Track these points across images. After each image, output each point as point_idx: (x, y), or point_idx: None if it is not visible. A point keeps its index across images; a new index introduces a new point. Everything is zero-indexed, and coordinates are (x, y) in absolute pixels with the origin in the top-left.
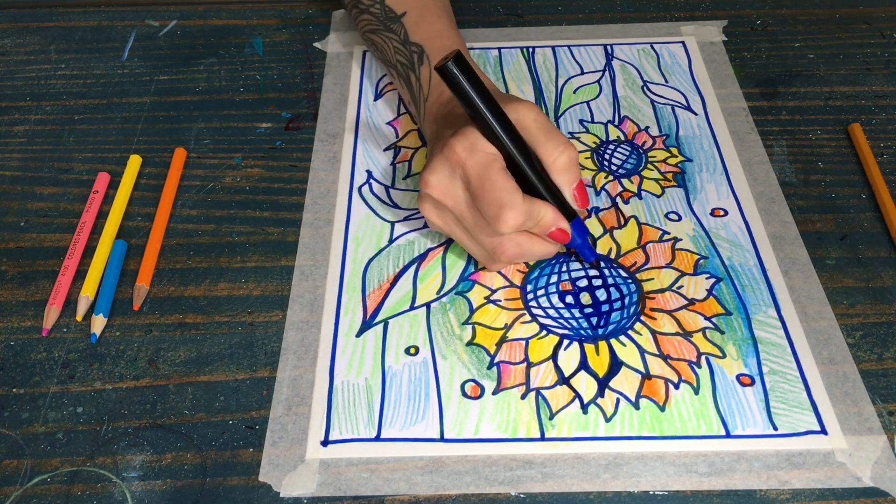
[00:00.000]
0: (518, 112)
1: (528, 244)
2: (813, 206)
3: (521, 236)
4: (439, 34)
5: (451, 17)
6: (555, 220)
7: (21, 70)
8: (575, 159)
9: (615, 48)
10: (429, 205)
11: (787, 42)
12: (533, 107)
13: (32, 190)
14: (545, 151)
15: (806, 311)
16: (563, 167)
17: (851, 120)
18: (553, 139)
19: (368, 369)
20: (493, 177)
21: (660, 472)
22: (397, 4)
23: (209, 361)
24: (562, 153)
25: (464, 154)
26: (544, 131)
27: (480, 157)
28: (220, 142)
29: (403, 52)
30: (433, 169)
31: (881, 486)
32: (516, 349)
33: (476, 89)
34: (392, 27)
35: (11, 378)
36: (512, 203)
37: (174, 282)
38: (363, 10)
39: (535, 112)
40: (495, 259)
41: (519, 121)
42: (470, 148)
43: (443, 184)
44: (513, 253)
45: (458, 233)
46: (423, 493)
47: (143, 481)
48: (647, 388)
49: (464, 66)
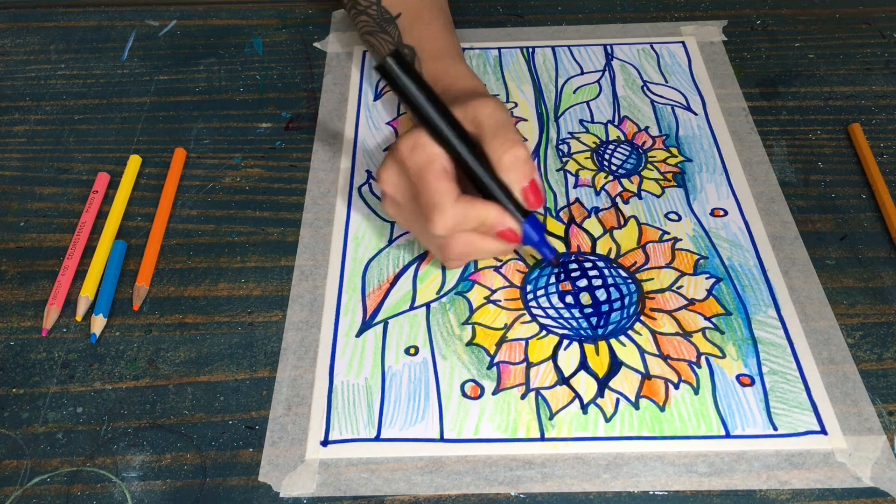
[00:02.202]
0: (475, 108)
1: (479, 242)
2: (813, 206)
3: (469, 235)
4: (431, 36)
5: (446, 18)
6: (500, 220)
7: (21, 70)
8: (523, 157)
9: (615, 48)
10: (388, 200)
11: (787, 42)
12: (490, 102)
13: (32, 190)
14: (491, 149)
15: (806, 311)
16: (510, 165)
17: (851, 120)
18: (501, 136)
19: (368, 369)
20: (427, 178)
21: (660, 472)
22: (393, 6)
23: (209, 361)
24: (507, 150)
25: (406, 153)
26: (495, 128)
27: (419, 157)
28: (220, 142)
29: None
30: (385, 166)
31: (881, 487)
32: (516, 349)
33: (416, 85)
34: (388, 29)
35: (11, 378)
36: (442, 206)
37: (174, 282)
38: (361, 11)
39: (492, 108)
40: (446, 256)
41: (475, 117)
42: (412, 147)
43: (392, 180)
44: (460, 251)
45: (415, 227)
46: (423, 493)
47: (142, 481)
48: (647, 389)
49: (403, 63)
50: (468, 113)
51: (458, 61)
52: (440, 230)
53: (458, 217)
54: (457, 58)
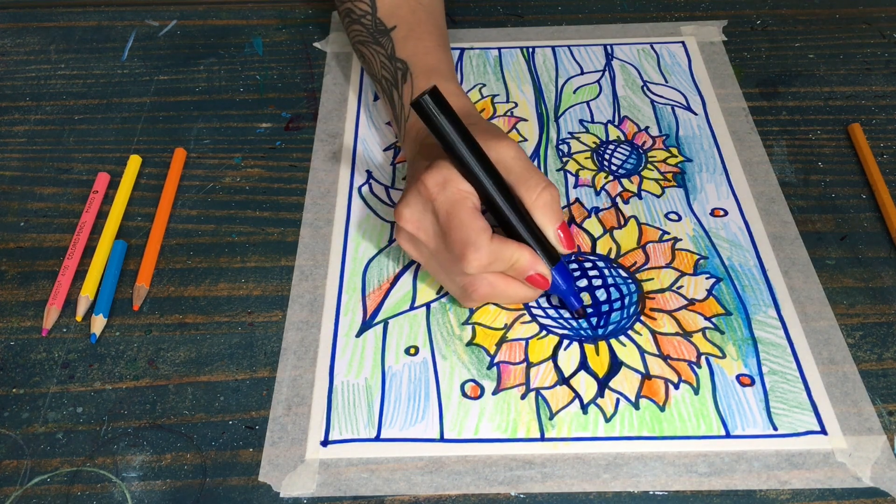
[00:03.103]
0: (498, 150)
1: (504, 286)
2: (813, 206)
3: (496, 277)
4: (426, 51)
5: (441, 35)
6: (532, 264)
7: (21, 70)
8: (557, 199)
9: (615, 48)
10: (405, 237)
11: (787, 42)
12: (513, 144)
13: (32, 190)
14: (526, 190)
15: (806, 311)
16: (545, 205)
17: (851, 120)
18: (534, 177)
19: (368, 369)
20: (461, 215)
21: (660, 472)
22: (389, 18)
23: (209, 361)
24: (543, 191)
25: (435, 190)
26: (525, 170)
27: (450, 194)
28: (220, 142)
29: (389, 67)
30: (407, 202)
31: (881, 486)
32: (516, 349)
33: (452, 125)
34: (381, 41)
35: (11, 378)
36: (478, 243)
37: (174, 282)
38: (355, 20)
39: (515, 150)
40: (467, 297)
41: (499, 160)
42: (442, 184)
43: (415, 217)
44: (484, 293)
45: (433, 266)
46: (423, 493)
47: (142, 481)
48: (647, 389)
49: (440, 100)
50: (491, 154)
51: (449, 79)
52: (474, 268)
53: (493, 256)
54: (448, 75)
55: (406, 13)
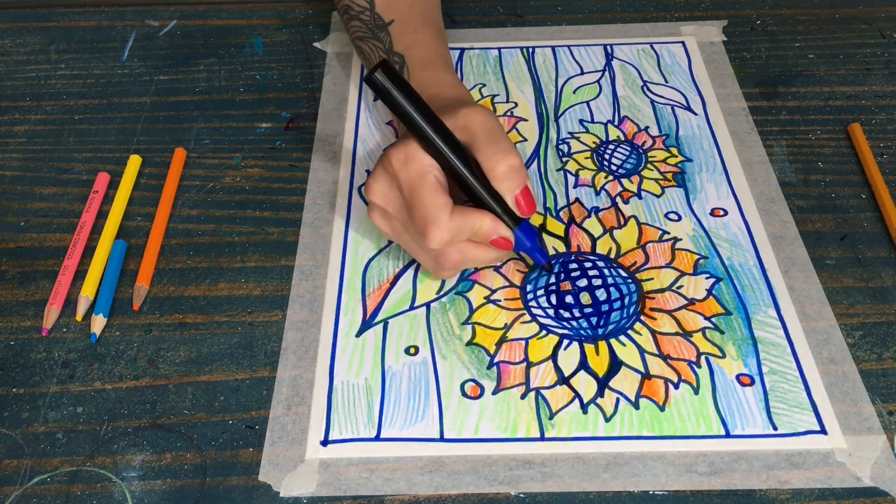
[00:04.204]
0: (466, 116)
1: (473, 251)
2: (813, 206)
3: (464, 244)
4: (421, 43)
5: (437, 26)
6: (494, 229)
7: (21, 70)
8: (516, 165)
9: (615, 48)
10: (376, 212)
11: (787, 42)
12: (480, 110)
13: (32, 190)
14: (485, 158)
15: (806, 311)
16: (503, 175)
17: (851, 120)
18: (494, 145)
19: (368, 369)
20: (421, 192)
21: (660, 472)
22: (386, 12)
23: (209, 361)
24: (500, 160)
25: (397, 165)
26: (487, 137)
27: (412, 169)
28: (220, 142)
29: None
30: (375, 177)
31: (881, 486)
32: (516, 349)
33: (407, 98)
34: (379, 35)
35: (11, 378)
36: (437, 220)
37: (174, 282)
38: (353, 16)
39: (483, 116)
40: (440, 266)
41: (466, 126)
42: (404, 159)
43: (383, 191)
44: (456, 260)
45: (405, 239)
46: (423, 493)
47: (142, 481)
48: (647, 388)
49: (392, 74)
50: (458, 121)
51: (445, 69)
52: (436, 244)
53: (454, 230)
54: (445, 66)
55: (403, 6)
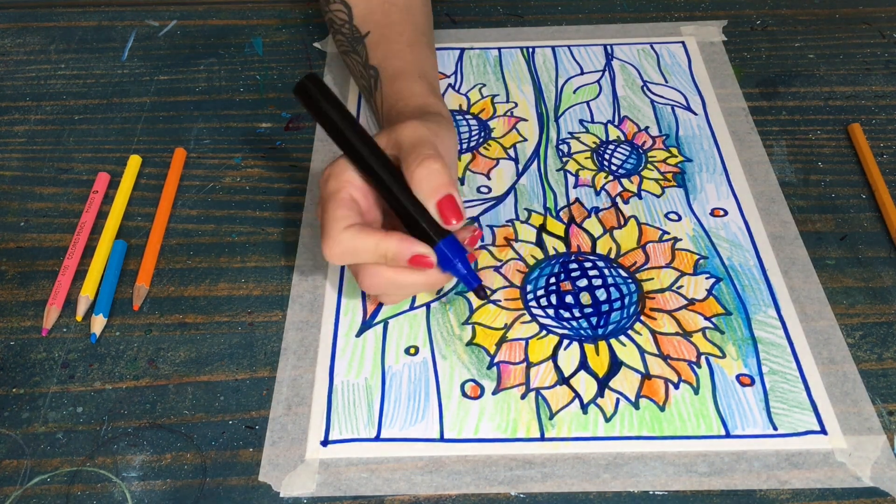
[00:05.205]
0: (398, 131)
1: (392, 275)
2: (813, 206)
3: (379, 268)
4: (393, 55)
5: (417, 30)
6: (402, 248)
7: (21, 70)
8: (437, 170)
9: (615, 48)
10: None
11: (787, 42)
12: (413, 123)
13: (32, 190)
14: (405, 165)
15: (806, 311)
16: (422, 178)
17: (851, 120)
18: (415, 151)
19: (368, 369)
20: (327, 206)
21: (660, 472)
22: (363, 24)
23: (209, 361)
24: (420, 164)
25: (321, 182)
26: (412, 146)
27: (331, 185)
28: (220, 142)
29: (364, 75)
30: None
31: (881, 486)
32: (516, 349)
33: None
34: (357, 49)
35: (11, 378)
36: (329, 233)
37: (174, 282)
38: (336, 30)
39: (412, 128)
40: (366, 289)
41: (396, 139)
42: (328, 176)
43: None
44: (371, 283)
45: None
46: (423, 493)
47: (142, 481)
48: (647, 388)
49: (320, 87)
50: (391, 137)
51: (414, 80)
52: (327, 257)
53: (346, 245)
54: (413, 76)
55: (379, 17)
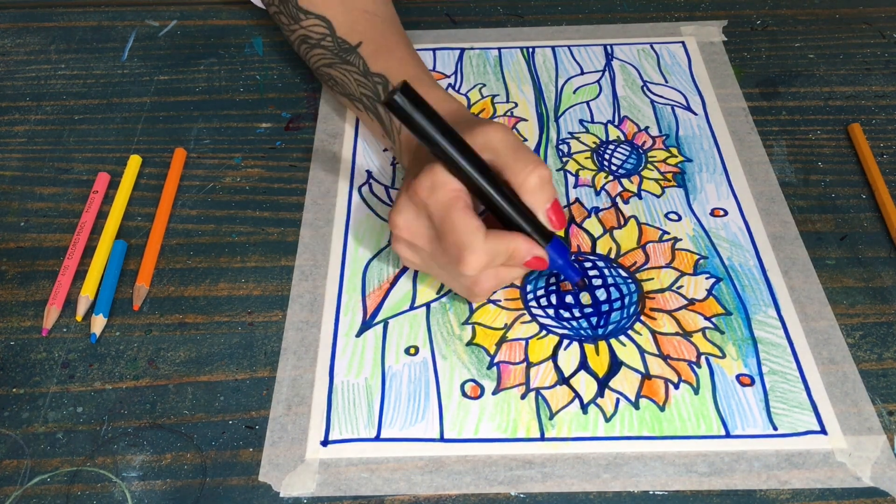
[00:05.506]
0: (486, 134)
1: (506, 274)
2: (813, 206)
3: (498, 268)
4: (400, 63)
5: (408, 43)
6: (528, 251)
7: (21, 70)
8: (546, 178)
9: (615, 48)
10: (402, 245)
11: (787, 42)
12: (500, 127)
13: (32, 190)
14: (513, 174)
15: (806, 311)
16: (533, 188)
17: (851, 120)
18: (521, 159)
19: (368, 369)
20: (453, 217)
21: (660, 472)
22: (350, 35)
23: (209, 361)
24: (530, 173)
25: (424, 194)
26: (512, 152)
27: (441, 196)
28: (220, 142)
29: (367, 84)
30: (399, 209)
31: (881, 486)
32: (516, 349)
33: (428, 119)
34: (349, 59)
35: (11, 378)
36: (473, 245)
37: (174, 282)
38: (313, 44)
39: (503, 132)
40: (474, 293)
41: (487, 143)
42: (431, 187)
43: (409, 224)
44: (490, 286)
45: (434, 269)
46: (423, 493)
47: (143, 481)
48: (647, 388)
49: (412, 96)
50: (477, 140)
51: (433, 86)
52: (472, 270)
53: (490, 254)
54: (431, 82)
55: (366, 27)
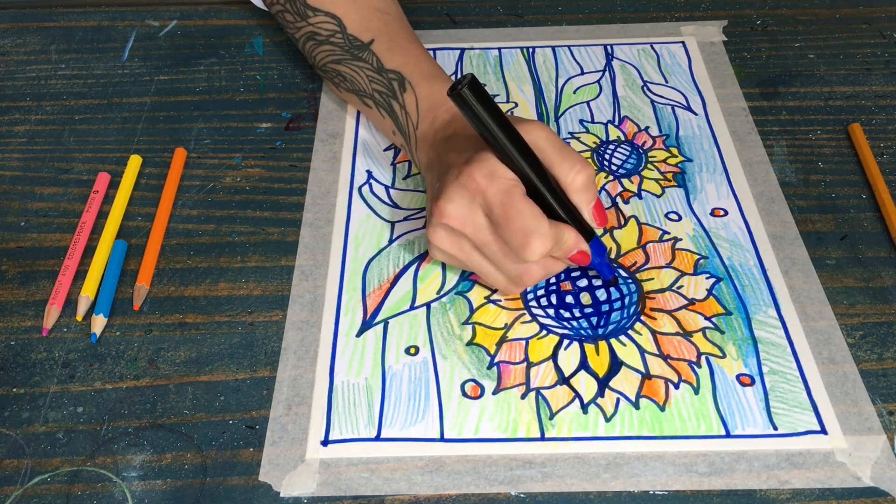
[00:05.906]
0: (530, 133)
1: (551, 265)
2: (813, 206)
3: (547, 259)
4: (415, 60)
5: (419, 40)
6: (576, 243)
7: (21, 70)
8: (592, 177)
9: (615, 48)
10: (443, 233)
11: (787, 42)
12: (543, 126)
13: (32, 190)
14: (561, 171)
15: (806, 311)
16: (581, 186)
17: (851, 120)
18: (569, 158)
19: (368, 369)
20: (517, 204)
21: (660, 472)
22: (363, 32)
23: (209, 361)
24: (579, 172)
25: (483, 181)
26: (559, 151)
27: (501, 184)
28: (220, 142)
29: (380, 80)
30: (450, 197)
31: (881, 486)
32: (516, 349)
33: (492, 114)
34: (361, 56)
35: (11, 378)
36: (540, 230)
37: (174, 282)
38: (322, 41)
39: (547, 131)
40: (519, 284)
41: (532, 142)
42: (489, 175)
43: (461, 212)
44: (539, 276)
45: (475, 260)
46: (423, 493)
47: (143, 481)
48: (647, 388)
49: (478, 90)
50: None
51: (448, 81)
52: (538, 254)
53: (554, 239)
54: (447, 80)
55: (378, 25)
